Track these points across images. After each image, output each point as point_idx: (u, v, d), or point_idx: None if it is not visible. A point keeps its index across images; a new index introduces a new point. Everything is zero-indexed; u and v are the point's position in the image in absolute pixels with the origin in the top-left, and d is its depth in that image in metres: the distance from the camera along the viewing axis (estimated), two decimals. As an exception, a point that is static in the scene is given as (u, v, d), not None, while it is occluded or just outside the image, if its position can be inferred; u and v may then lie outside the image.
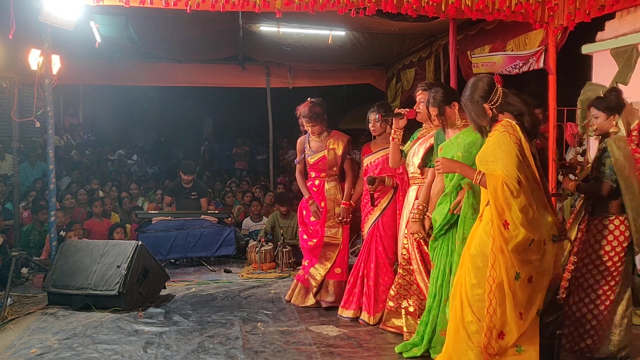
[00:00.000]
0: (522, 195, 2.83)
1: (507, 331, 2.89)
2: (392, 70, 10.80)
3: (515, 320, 2.88)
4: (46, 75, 5.52)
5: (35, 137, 10.30)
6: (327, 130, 4.92)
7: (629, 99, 4.99)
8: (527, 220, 2.84)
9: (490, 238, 2.88)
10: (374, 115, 4.54)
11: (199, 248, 6.74)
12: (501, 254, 2.85)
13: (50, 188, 5.66)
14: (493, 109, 3.02)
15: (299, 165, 5.09)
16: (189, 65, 10.31)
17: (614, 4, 4.64)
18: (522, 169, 2.86)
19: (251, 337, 4.18)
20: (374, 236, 4.46)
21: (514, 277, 2.85)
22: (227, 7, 4.77)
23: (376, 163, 4.55)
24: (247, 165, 13.41)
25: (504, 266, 2.85)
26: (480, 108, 3.04)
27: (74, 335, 4.23)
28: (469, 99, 3.09)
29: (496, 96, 3.01)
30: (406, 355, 3.73)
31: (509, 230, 2.84)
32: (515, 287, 2.86)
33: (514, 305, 2.86)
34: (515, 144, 2.90)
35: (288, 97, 11.53)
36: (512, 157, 2.87)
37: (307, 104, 4.80)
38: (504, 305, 2.87)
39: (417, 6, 4.90)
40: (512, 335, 2.90)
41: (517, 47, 6.44)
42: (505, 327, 2.89)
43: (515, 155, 2.87)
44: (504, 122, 2.97)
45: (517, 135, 2.92)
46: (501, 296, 2.86)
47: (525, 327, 2.92)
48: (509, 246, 2.83)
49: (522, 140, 2.93)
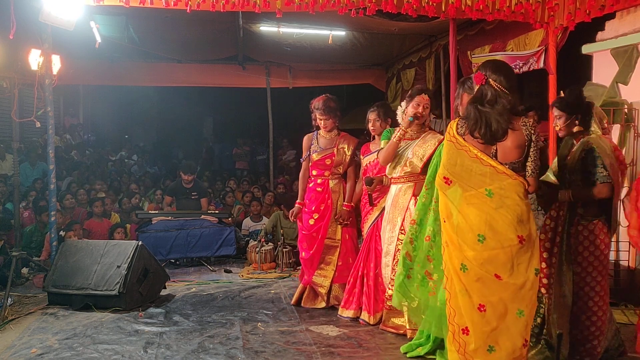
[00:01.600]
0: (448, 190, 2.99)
1: (470, 326, 2.89)
2: (392, 70, 10.80)
3: (473, 313, 2.88)
4: (46, 75, 5.52)
5: (36, 137, 10.31)
6: (338, 129, 4.92)
7: (629, 99, 5.02)
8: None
9: (443, 232, 3.04)
10: (374, 115, 4.56)
11: (199, 248, 6.74)
12: (447, 246, 2.98)
13: (50, 188, 5.66)
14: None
15: (304, 163, 4.99)
16: (189, 65, 10.32)
17: (614, 4, 4.64)
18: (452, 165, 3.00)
19: (251, 337, 4.18)
20: (373, 236, 4.46)
21: (459, 269, 2.90)
22: (227, 7, 4.77)
23: (375, 162, 4.55)
24: (248, 165, 13.41)
25: (449, 258, 2.95)
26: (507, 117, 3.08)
27: (74, 335, 4.23)
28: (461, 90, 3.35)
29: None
30: (410, 355, 3.73)
31: (445, 223, 3.01)
32: (463, 279, 2.90)
33: (466, 297, 2.87)
34: (449, 142, 3.04)
35: (288, 97, 11.58)
36: (444, 153, 3.05)
37: (323, 97, 4.81)
38: (457, 298, 2.91)
39: (417, 6, 4.90)
40: (475, 330, 2.88)
41: (517, 47, 6.44)
42: (467, 322, 2.90)
43: (446, 152, 3.03)
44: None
45: (450, 132, 3.06)
46: (453, 288, 2.94)
47: (490, 323, 2.87)
48: (452, 239, 2.95)
49: (453, 137, 3.04)
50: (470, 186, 2.95)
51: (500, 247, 2.88)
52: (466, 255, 2.90)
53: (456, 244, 2.94)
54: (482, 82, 3.00)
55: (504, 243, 2.88)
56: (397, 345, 3.95)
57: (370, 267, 4.44)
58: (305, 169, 5.00)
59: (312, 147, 4.90)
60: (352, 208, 4.84)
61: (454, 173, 2.98)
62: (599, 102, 4.94)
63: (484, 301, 2.88)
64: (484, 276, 2.88)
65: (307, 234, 4.87)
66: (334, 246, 4.83)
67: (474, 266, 2.89)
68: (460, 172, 2.97)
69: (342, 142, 4.85)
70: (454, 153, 3.00)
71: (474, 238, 2.89)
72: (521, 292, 2.87)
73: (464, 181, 2.96)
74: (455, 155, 2.99)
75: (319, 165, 4.87)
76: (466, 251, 2.91)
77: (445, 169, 3.01)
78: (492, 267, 2.87)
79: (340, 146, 4.83)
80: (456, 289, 2.92)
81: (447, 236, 2.99)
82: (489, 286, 2.88)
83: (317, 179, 4.90)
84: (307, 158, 4.95)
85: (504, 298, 2.88)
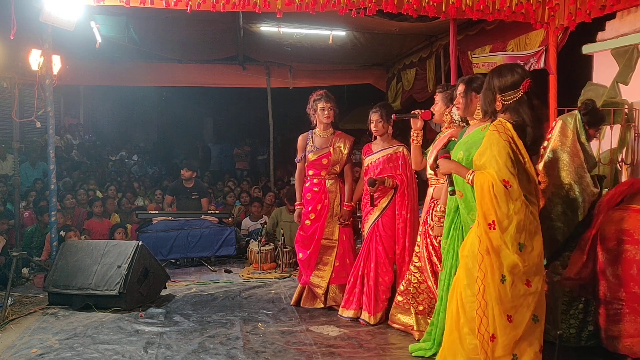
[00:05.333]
0: (513, 196, 2.73)
1: (498, 334, 2.80)
2: (392, 70, 10.81)
3: (504, 323, 2.79)
4: (47, 75, 5.52)
5: (36, 137, 10.30)
6: (333, 128, 4.88)
7: (630, 99, 5.02)
8: (515, 224, 2.74)
9: (477, 238, 2.82)
10: (376, 115, 4.52)
11: (199, 248, 6.74)
12: (487, 254, 2.77)
13: (50, 188, 5.66)
14: (503, 104, 2.89)
15: (299, 164, 4.95)
16: (189, 66, 10.33)
17: (614, 4, 4.64)
18: (514, 169, 2.74)
19: (252, 337, 4.18)
20: (373, 236, 4.46)
21: (500, 280, 2.77)
22: (228, 7, 4.78)
23: (376, 163, 4.54)
24: (248, 166, 13.42)
25: (489, 267, 2.77)
26: (492, 97, 2.92)
27: (74, 335, 4.23)
28: (487, 82, 2.96)
29: (512, 96, 2.85)
30: (415, 355, 3.73)
31: (494, 231, 2.75)
32: (501, 290, 2.77)
33: (500, 307, 2.78)
34: (506, 142, 2.77)
35: (288, 97, 11.59)
36: (502, 156, 2.74)
37: (323, 91, 4.80)
38: (492, 307, 2.79)
39: (417, 6, 4.90)
40: (503, 339, 2.80)
41: (518, 47, 6.45)
42: (497, 331, 2.80)
43: (507, 154, 2.75)
44: (496, 121, 2.86)
45: (508, 133, 2.79)
46: (489, 298, 2.79)
47: (517, 332, 2.81)
48: (495, 248, 2.76)
49: (514, 138, 2.79)
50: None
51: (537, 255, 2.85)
52: (509, 262, 2.78)
53: (497, 251, 2.79)
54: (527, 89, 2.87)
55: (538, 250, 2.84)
56: (397, 345, 3.96)
57: (371, 267, 4.44)
58: (300, 169, 4.94)
59: (308, 147, 4.85)
60: (352, 208, 4.83)
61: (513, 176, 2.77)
62: (600, 102, 4.95)
63: (511, 311, 2.82)
64: (518, 285, 2.81)
65: (304, 235, 4.85)
66: (331, 247, 4.80)
67: (513, 275, 2.79)
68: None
69: (338, 140, 4.81)
70: (512, 156, 2.80)
71: (517, 246, 2.79)
72: (537, 298, 2.84)
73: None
74: (513, 158, 2.80)
75: (316, 165, 4.82)
76: (508, 258, 2.79)
77: (508, 172, 2.77)
78: (527, 275, 2.82)
79: (337, 145, 4.79)
80: (492, 298, 2.81)
81: (488, 243, 2.80)
82: (518, 294, 2.82)
83: (313, 179, 4.85)
84: (302, 159, 4.90)
85: (525, 304, 2.83)
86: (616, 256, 3.53)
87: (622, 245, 3.52)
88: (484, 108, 3.01)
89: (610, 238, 3.57)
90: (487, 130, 2.87)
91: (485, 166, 2.80)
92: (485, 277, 2.79)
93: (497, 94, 2.90)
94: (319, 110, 4.76)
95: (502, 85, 2.88)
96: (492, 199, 2.74)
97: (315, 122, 4.86)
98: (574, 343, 3.76)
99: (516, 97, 2.85)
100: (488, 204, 2.75)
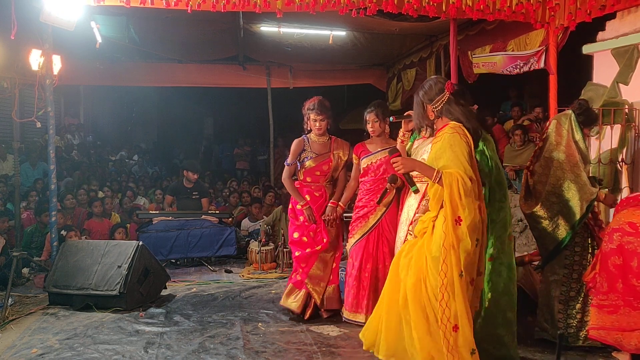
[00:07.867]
0: (474, 193, 2.92)
1: (461, 325, 2.91)
2: (392, 70, 10.81)
3: (467, 315, 2.92)
4: (47, 75, 5.52)
5: (36, 137, 10.31)
6: (329, 133, 4.77)
7: (630, 99, 5.02)
8: (473, 220, 2.92)
9: (443, 233, 2.95)
10: (372, 115, 4.47)
11: (199, 248, 6.74)
12: (452, 249, 2.92)
13: (51, 188, 5.66)
14: (435, 111, 3.15)
15: (289, 168, 4.68)
16: (189, 66, 10.34)
17: (614, 4, 4.65)
18: (473, 168, 2.96)
19: (252, 337, 4.18)
20: (380, 237, 4.41)
21: (459, 275, 2.92)
22: (228, 7, 4.78)
23: (378, 164, 4.50)
24: (248, 166, 13.42)
25: (454, 262, 2.91)
26: (422, 108, 3.21)
27: (74, 335, 4.23)
28: (417, 98, 3.25)
29: (440, 100, 3.13)
30: None
31: (460, 227, 2.91)
32: (461, 284, 2.92)
33: (463, 299, 2.91)
34: (466, 144, 2.99)
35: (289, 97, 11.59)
36: (464, 155, 2.95)
37: (316, 98, 4.67)
38: (455, 299, 2.92)
39: (417, 6, 4.90)
40: (464, 329, 2.91)
41: (518, 47, 6.45)
42: (459, 321, 2.91)
43: (468, 153, 2.97)
44: (452, 124, 3.06)
45: (467, 136, 3.02)
46: (452, 290, 2.92)
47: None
48: (459, 244, 2.91)
49: (470, 142, 3.02)
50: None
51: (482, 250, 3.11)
52: (465, 257, 2.95)
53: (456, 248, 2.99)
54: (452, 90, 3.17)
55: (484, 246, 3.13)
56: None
57: (370, 268, 4.41)
58: (290, 172, 4.73)
59: (305, 153, 4.67)
60: (336, 205, 4.67)
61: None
62: (600, 102, 4.95)
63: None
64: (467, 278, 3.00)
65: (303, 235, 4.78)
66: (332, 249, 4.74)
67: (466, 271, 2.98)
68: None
69: (337, 148, 4.71)
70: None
71: (475, 241, 2.97)
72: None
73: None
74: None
75: (315, 172, 4.67)
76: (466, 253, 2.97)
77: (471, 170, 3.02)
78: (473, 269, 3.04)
79: (336, 152, 4.70)
80: (454, 291, 2.95)
81: (453, 239, 2.95)
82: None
83: (311, 185, 4.69)
84: (293, 163, 4.70)
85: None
86: (618, 247, 3.54)
87: (625, 237, 3.53)
88: (418, 125, 3.28)
89: (615, 229, 3.60)
90: (445, 133, 3.05)
91: (448, 166, 2.97)
92: (450, 270, 2.94)
93: (428, 105, 3.19)
94: (311, 121, 4.65)
95: (430, 95, 3.18)
96: (460, 196, 2.91)
97: (309, 128, 4.74)
98: (572, 343, 3.77)
99: (444, 100, 3.14)
100: (457, 201, 2.91)
